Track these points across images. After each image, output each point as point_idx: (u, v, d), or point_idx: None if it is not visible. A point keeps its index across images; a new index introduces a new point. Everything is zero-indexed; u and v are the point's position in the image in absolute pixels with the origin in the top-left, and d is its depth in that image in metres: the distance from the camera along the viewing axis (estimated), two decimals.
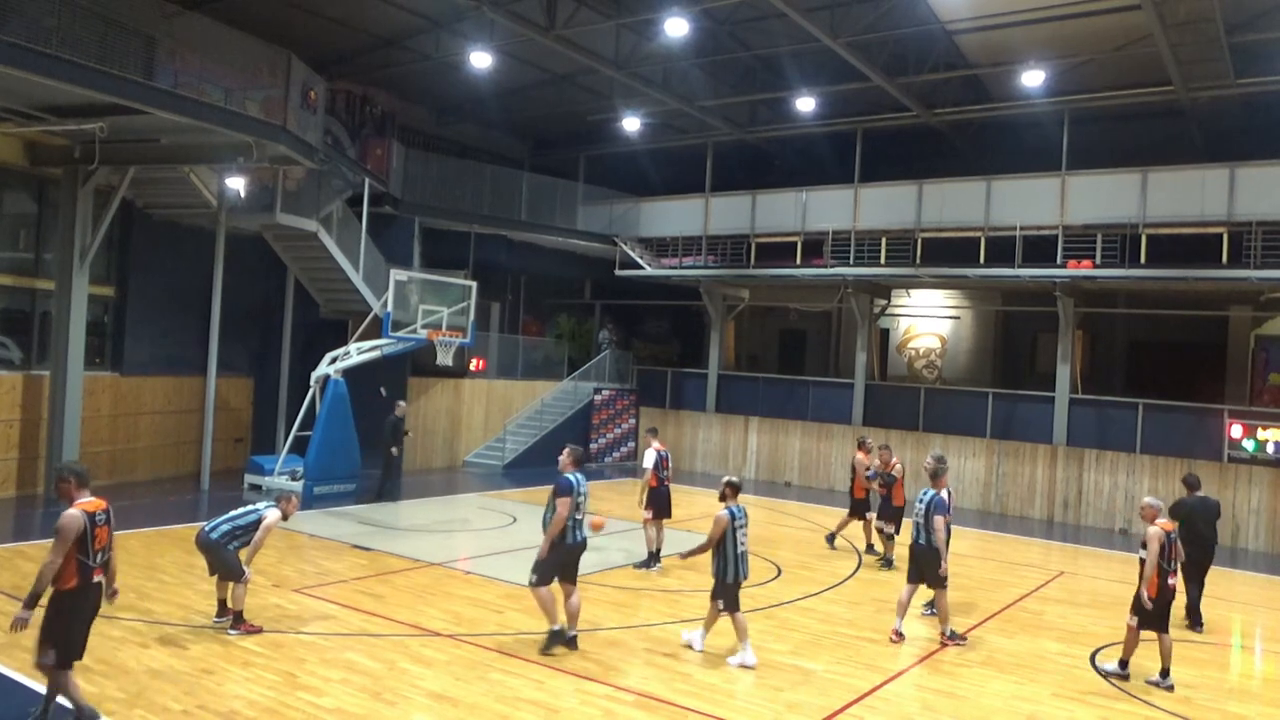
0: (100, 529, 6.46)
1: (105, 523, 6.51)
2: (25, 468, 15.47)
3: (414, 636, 9.04)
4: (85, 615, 6.52)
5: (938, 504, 9.65)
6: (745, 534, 8.91)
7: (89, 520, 6.40)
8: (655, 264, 24.24)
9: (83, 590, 6.43)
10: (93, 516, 6.43)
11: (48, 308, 15.81)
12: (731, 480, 9.13)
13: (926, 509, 9.65)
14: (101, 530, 6.47)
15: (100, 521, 6.47)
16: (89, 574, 6.42)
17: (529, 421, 23.63)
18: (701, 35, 18.55)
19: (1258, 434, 17.54)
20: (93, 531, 6.41)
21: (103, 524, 6.49)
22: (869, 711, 7.75)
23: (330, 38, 19.38)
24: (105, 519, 6.52)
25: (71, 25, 11.85)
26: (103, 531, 6.49)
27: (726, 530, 8.73)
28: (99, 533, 6.45)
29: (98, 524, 6.45)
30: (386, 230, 20.87)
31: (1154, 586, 8.61)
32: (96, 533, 6.43)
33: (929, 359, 25.72)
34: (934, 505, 9.64)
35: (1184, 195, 17.76)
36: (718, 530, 8.75)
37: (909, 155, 22.50)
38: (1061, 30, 17.06)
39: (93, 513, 6.45)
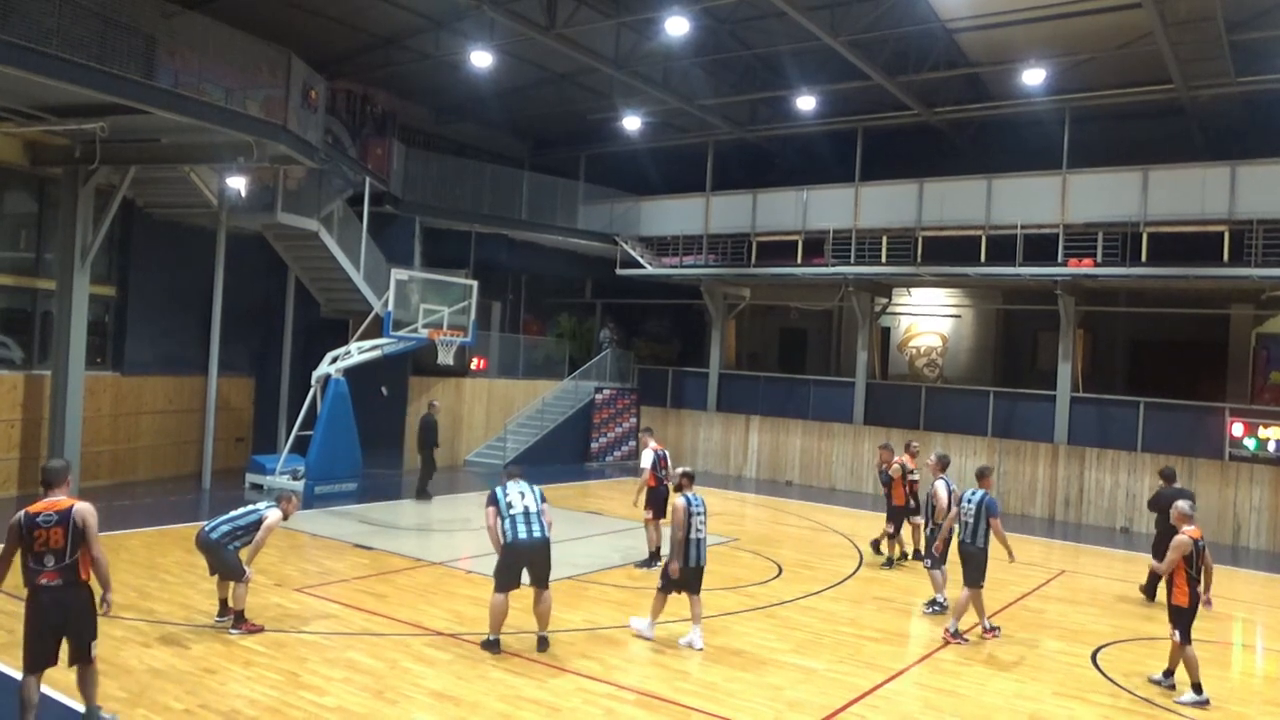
0: (44, 531, 6.05)
1: (55, 524, 6.06)
2: (26, 467, 15.46)
3: (416, 635, 9.04)
4: (38, 622, 6.10)
5: (990, 505, 9.88)
6: (703, 521, 9.21)
7: (25, 521, 6.07)
8: (656, 263, 24.24)
9: (30, 597, 6.12)
10: (34, 518, 6.08)
11: (49, 307, 15.81)
12: (686, 470, 9.50)
13: (977, 509, 9.85)
14: (45, 533, 6.05)
15: (45, 523, 6.06)
16: (34, 577, 6.08)
17: (530, 421, 23.63)
18: (702, 34, 18.55)
19: (1259, 432, 17.53)
20: (30, 533, 6.06)
21: (50, 525, 6.05)
22: (870, 710, 7.75)
23: (330, 37, 19.37)
24: (56, 520, 6.07)
25: (72, 25, 11.84)
26: (47, 534, 6.05)
27: (683, 517, 9.00)
28: (40, 534, 6.04)
29: (39, 525, 6.06)
30: (387, 229, 20.87)
31: (1185, 594, 8.36)
32: (35, 534, 6.05)
33: (930, 357, 25.71)
34: (987, 506, 9.85)
35: (1185, 193, 17.76)
36: (680, 517, 9.00)
37: (910, 154, 22.49)
38: (1062, 28, 17.05)
39: (35, 513, 6.10)
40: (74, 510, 6.15)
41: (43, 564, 6.08)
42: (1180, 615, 8.40)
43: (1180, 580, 8.42)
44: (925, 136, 22.52)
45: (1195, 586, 8.39)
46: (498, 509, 8.64)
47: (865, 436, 21.98)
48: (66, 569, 6.11)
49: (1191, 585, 8.39)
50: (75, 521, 6.13)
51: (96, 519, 6.28)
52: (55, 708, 6.92)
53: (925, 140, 22.71)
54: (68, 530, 6.10)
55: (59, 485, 6.28)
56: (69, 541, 6.10)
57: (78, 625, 6.21)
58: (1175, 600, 8.45)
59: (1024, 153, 20.42)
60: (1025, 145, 20.78)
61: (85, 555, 6.17)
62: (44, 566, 6.08)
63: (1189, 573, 8.39)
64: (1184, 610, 8.38)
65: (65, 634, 6.18)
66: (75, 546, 6.12)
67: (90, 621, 6.29)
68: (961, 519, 10.02)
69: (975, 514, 9.85)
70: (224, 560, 8.74)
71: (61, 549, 6.10)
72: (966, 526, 9.91)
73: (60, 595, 6.10)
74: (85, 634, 6.25)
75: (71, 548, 6.11)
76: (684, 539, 8.99)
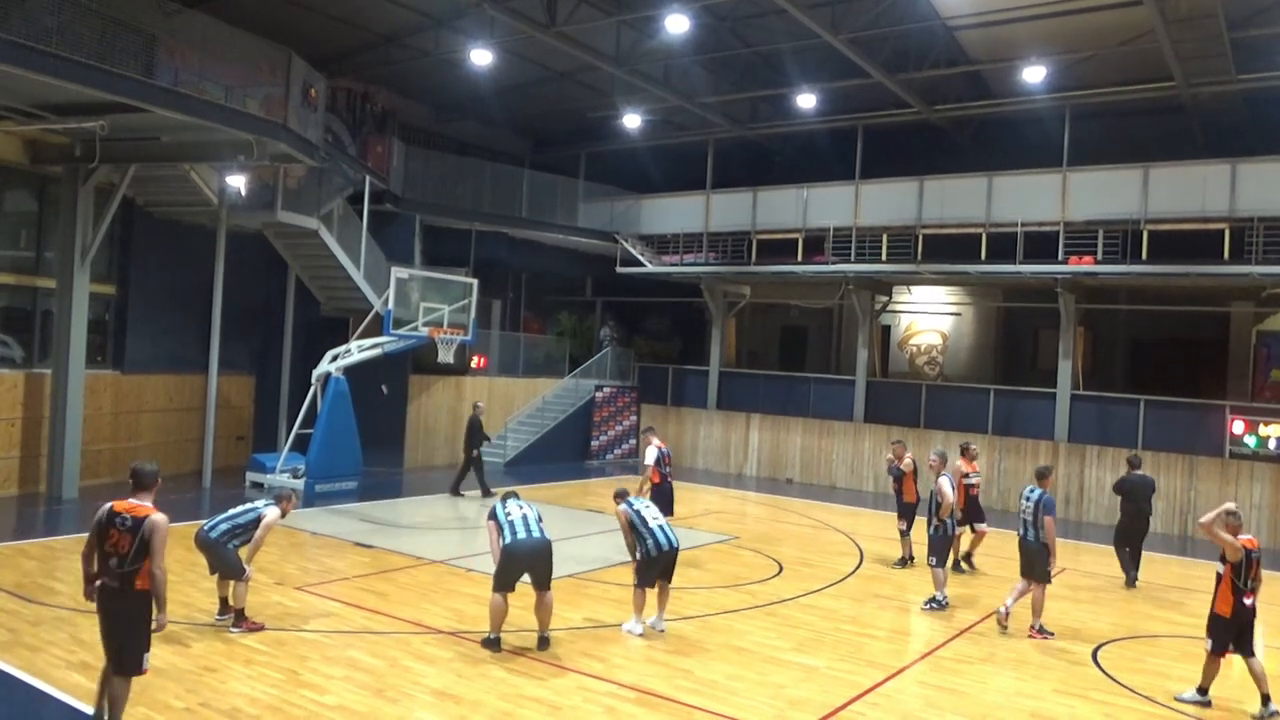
0: (117, 533, 6.05)
1: (127, 530, 6.03)
2: (27, 466, 15.48)
3: (416, 634, 9.04)
4: (99, 616, 6.17)
5: (1048, 503, 10.04)
6: (650, 511, 9.51)
7: (106, 517, 6.13)
8: (656, 261, 24.23)
9: (98, 589, 6.18)
10: (114, 516, 6.11)
11: (49, 306, 15.82)
12: (617, 490, 10.01)
13: (1036, 507, 10.02)
14: (117, 535, 6.04)
15: (120, 525, 6.05)
16: (100, 575, 6.12)
17: (530, 419, 23.63)
18: (702, 32, 18.53)
19: (1259, 430, 17.52)
20: (106, 530, 6.09)
21: (123, 529, 6.04)
22: (871, 708, 7.75)
23: (330, 35, 19.36)
24: (129, 525, 6.04)
25: (72, 23, 11.84)
26: (119, 536, 6.04)
27: (631, 518, 9.34)
28: (113, 534, 6.06)
29: (115, 525, 6.06)
30: (387, 228, 20.87)
31: (1229, 604, 7.97)
32: (110, 533, 6.07)
33: (930, 355, 25.70)
34: (1044, 505, 10.01)
35: (1185, 191, 17.75)
36: (623, 522, 9.43)
37: (910, 152, 22.47)
38: (1063, 26, 17.04)
39: (116, 512, 6.12)
40: (146, 521, 6.06)
41: (107, 564, 6.08)
42: (1219, 625, 8.01)
43: (1225, 590, 7.99)
44: (926, 134, 22.51)
45: (1242, 597, 7.96)
46: (498, 523, 8.78)
47: (866, 434, 21.98)
48: (124, 575, 6.04)
49: (1238, 596, 7.96)
50: (144, 532, 6.03)
51: (165, 534, 6.14)
52: (56, 706, 6.93)
53: (926, 138, 22.69)
54: (135, 538, 6.03)
55: (148, 489, 6.31)
56: (133, 550, 6.02)
57: (121, 633, 6.11)
58: (1218, 609, 8.04)
59: (1024, 150, 20.41)
60: (1026, 143, 20.77)
61: (145, 567, 6.05)
62: (108, 566, 6.08)
63: (1235, 582, 7.97)
64: (1225, 621, 7.98)
65: (109, 639, 6.14)
66: (138, 556, 6.02)
67: (135, 633, 6.13)
68: (1021, 517, 10.28)
69: (1035, 511, 10.06)
70: (224, 559, 8.74)
71: (125, 555, 6.03)
72: (1027, 524, 10.12)
73: (111, 600, 6.07)
74: (127, 644, 6.11)
75: (134, 556, 6.02)
76: (630, 544, 9.42)
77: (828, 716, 7.51)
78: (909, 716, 7.62)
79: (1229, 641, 8.03)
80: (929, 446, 16.56)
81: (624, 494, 9.81)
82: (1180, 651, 9.94)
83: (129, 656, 6.12)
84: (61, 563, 11.18)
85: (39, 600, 9.42)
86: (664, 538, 9.28)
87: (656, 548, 9.21)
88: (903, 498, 13.42)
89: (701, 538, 14.59)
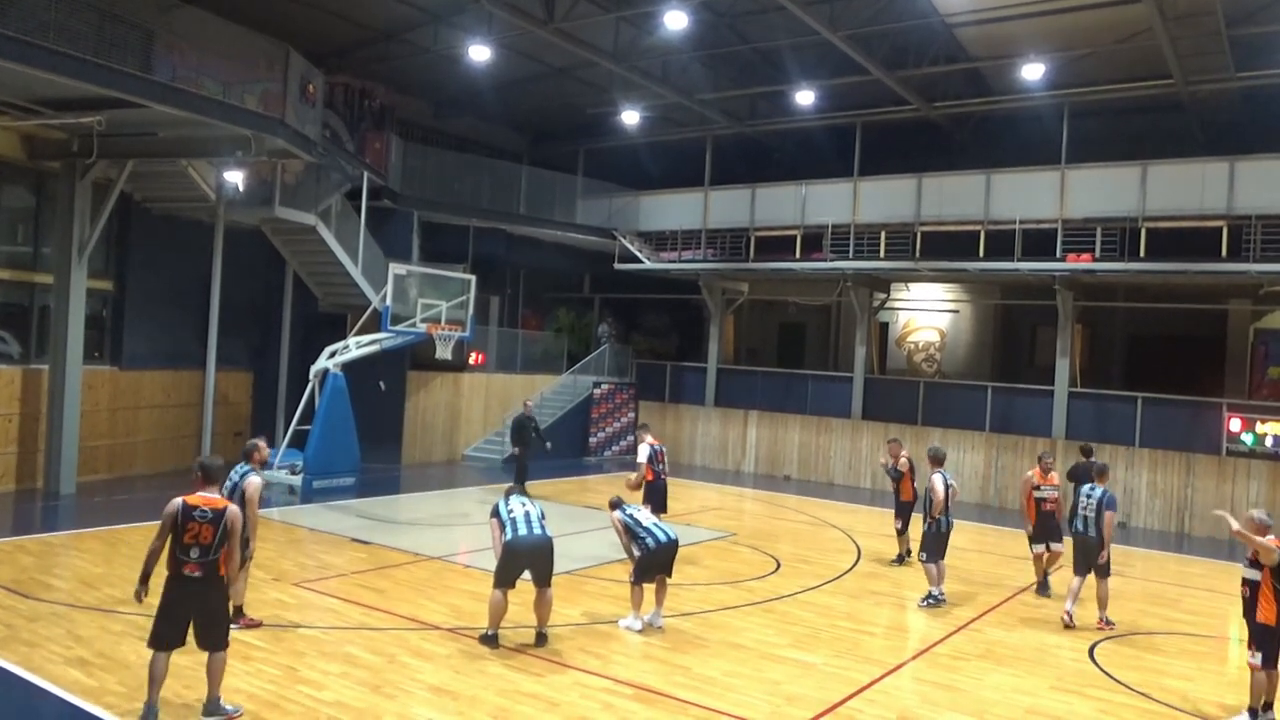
0: (197, 525, 6.43)
1: (208, 521, 6.45)
2: (24, 462, 15.46)
3: (414, 630, 9.05)
4: (172, 606, 6.48)
5: (1110, 500, 10.33)
6: (643, 513, 9.67)
7: (183, 511, 6.45)
8: (654, 258, 24.22)
9: (171, 581, 6.50)
10: (190, 510, 6.46)
11: (46, 301, 15.79)
12: (611, 500, 9.96)
13: (1098, 505, 10.29)
14: (198, 526, 6.43)
15: (200, 518, 6.44)
16: (178, 565, 6.46)
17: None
18: (701, 28, 18.51)
19: (1256, 428, 17.54)
20: (184, 524, 6.43)
21: (204, 521, 6.44)
22: (869, 704, 7.76)
23: (328, 31, 19.33)
24: (210, 517, 6.46)
25: (69, 18, 11.83)
26: (199, 528, 6.43)
27: (625, 522, 9.45)
28: (192, 526, 6.42)
29: (194, 518, 6.43)
30: (385, 224, 20.84)
31: (1274, 611, 7.59)
32: (189, 525, 6.42)
33: (928, 352, 25.71)
34: (1106, 502, 10.29)
35: (1183, 189, 17.75)
36: (619, 528, 9.50)
37: (908, 149, 22.48)
38: (1061, 23, 17.03)
39: (192, 506, 6.47)
40: (227, 512, 6.57)
41: (188, 555, 6.45)
42: (1267, 635, 7.59)
43: (1268, 595, 7.62)
44: (924, 131, 22.50)
45: None
46: (500, 520, 8.80)
47: (863, 431, 22.00)
48: (209, 564, 6.49)
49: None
50: (226, 523, 6.53)
51: (241, 524, 6.76)
52: (53, 702, 6.93)
53: (924, 135, 22.68)
54: (218, 529, 6.49)
55: (216, 482, 6.77)
56: (216, 539, 6.48)
57: (210, 616, 6.58)
58: (1262, 617, 7.61)
59: (1023, 148, 20.40)
60: (1024, 140, 20.76)
61: (226, 553, 6.56)
62: (189, 557, 6.45)
63: (1277, 587, 7.63)
64: (1272, 630, 7.59)
65: (195, 621, 6.54)
66: (220, 544, 6.51)
67: (222, 612, 6.71)
68: (1081, 513, 10.47)
69: (1096, 508, 10.30)
70: None
71: (209, 545, 6.47)
72: (1088, 520, 10.35)
73: (198, 587, 6.49)
74: (216, 624, 6.62)
75: (217, 545, 6.50)
76: (626, 545, 9.47)
77: (825, 713, 7.52)
78: (906, 713, 7.64)
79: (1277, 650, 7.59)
80: (926, 444, 16.60)
81: (618, 502, 9.84)
82: (1177, 648, 9.97)
83: (221, 634, 6.64)
84: (59, 558, 11.19)
85: (36, 596, 9.42)
86: (662, 533, 9.36)
87: (656, 543, 9.26)
88: (900, 496, 13.40)
89: (699, 534, 14.60)
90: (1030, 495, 11.73)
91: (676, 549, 9.47)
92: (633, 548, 9.42)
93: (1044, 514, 11.71)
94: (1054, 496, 11.75)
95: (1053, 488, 11.76)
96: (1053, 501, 11.74)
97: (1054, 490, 11.77)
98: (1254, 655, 7.69)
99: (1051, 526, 11.76)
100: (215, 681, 6.67)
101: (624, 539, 9.51)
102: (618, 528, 9.54)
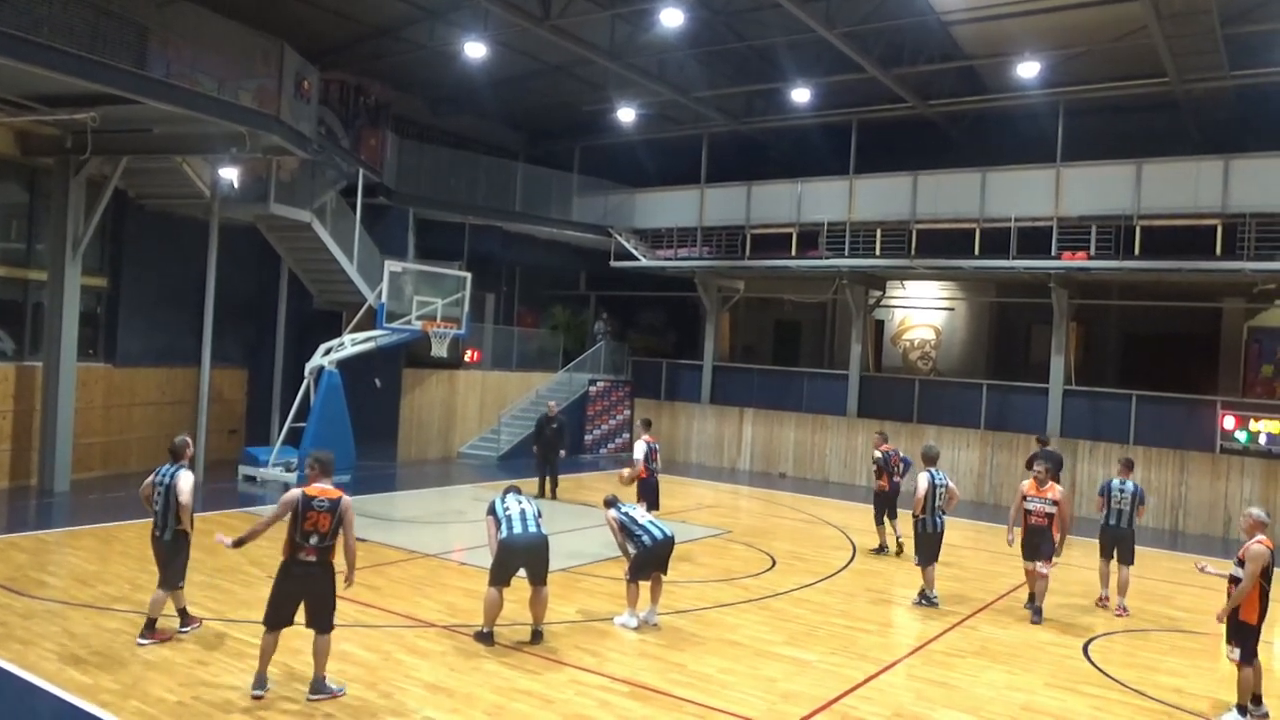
0: (316, 514, 6.94)
1: (326, 510, 6.97)
2: (18, 459, 15.43)
3: (409, 627, 9.05)
4: (287, 588, 7.01)
5: (1142, 494, 11.23)
6: (638, 511, 9.73)
7: (303, 501, 6.95)
8: (650, 255, 24.22)
9: (287, 564, 7.01)
10: (310, 500, 6.96)
11: (40, 298, 15.75)
12: (606, 498, 9.95)
13: (1133, 498, 11.08)
14: (316, 515, 6.95)
15: (319, 507, 6.96)
16: (295, 550, 6.96)
17: (524, 413, 23.57)
18: (697, 26, 18.49)
19: (1250, 425, 17.60)
20: (304, 513, 6.93)
21: (322, 510, 6.96)
22: (863, 701, 7.77)
23: (324, 27, 19.27)
24: (328, 507, 6.98)
25: (63, 14, 11.78)
26: (318, 517, 6.95)
27: (621, 521, 9.52)
28: (311, 515, 6.94)
29: (313, 508, 6.94)
30: (381, 221, 20.82)
31: (1255, 610, 7.69)
32: (309, 514, 6.93)
33: (924, 350, 25.75)
34: (1139, 495, 11.16)
35: (1178, 187, 17.79)
36: (614, 526, 9.59)
37: (904, 147, 22.47)
38: (1057, 21, 17.05)
39: (311, 496, 6.99)
40: (342, 502, 7.07)
41: (307, 541, 6.98)
42: (1247, 632, 7.68)
43: (1253, 595, 7.72)
44: (920, 129, 22.51)
45: (1267, 601, 7.78)
46: (496, 518, 8.82)
47: (859, 429, 22.02)
48: (324, 550, 7.02)
49: (1264, 600, 7.75)
50: (342, 512, 7.04)
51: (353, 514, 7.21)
52: (48, 700, 6.92)
53: (920, 133, 22.69)
54: (334, 518, 7.02)
55: (331, 475, 7.26)
56: (332, 527, 7.02)
57: (320, 599, 7.07)
58: (1244, 616, 7.71)
59: (1018, 146, 20.43)
60: (1019, 138, 20.79)
61: (340, 541, 7.06)
62: (307, 543, 6.98)
63: (1262, 584, 7.72)
64: (1252, 628, 7.69)
65: (306, 605, 7.05)
66: (335, 532, 7.05)
67: (331, 596, 7.11)
68: (1115, 507, 11.12)
69: (1130, 502, 11.05)
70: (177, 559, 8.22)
71: (325, 532, 7.00)
72: (1122, 513, 11.07)
73: (313, 571, 7.00)
74: (325, 607, 7.09)
75: (333, 533, 7.03)
76: (621, 544, 9.58)
77: (820, 710, 7.53)
78: (901, 709, 7.65)
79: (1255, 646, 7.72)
80: (922, 442, 16.63)
81: (613, 500, 9.85)
82: (1170, 645, 10.00)
83: (328, 617, 7.10)
84: (53, 556, 11.16)
85: (30, 594, 9.40)
86: (658, 531, 9.40)
87: (652, 540, 9.29)
88: (877, 487, 13.91)
89: (695, 532, 14.61)
90: (1020, 504, 10.74)
91: (672, 546, 9.50)
92: (628, 545, 9.45)
93: (1030, 528, 10.59)
94: (1040, 510, 10.49)
95: (1041, 500, 10.53)
96: (1038, 515, 10.51)
97: (1041, 503, 10.51)
98: (1233, 651, 7.79)
99: (1037, 544, 10.53)
100: (321, 662, 7.12)
101: (619, 537, 9.55)
102: (613, 526, 9.58)
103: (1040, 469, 10.78)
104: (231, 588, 10.06)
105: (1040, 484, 10.62)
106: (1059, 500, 10.54)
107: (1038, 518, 10.52)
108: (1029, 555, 10.68)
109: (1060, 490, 10.77)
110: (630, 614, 9.41)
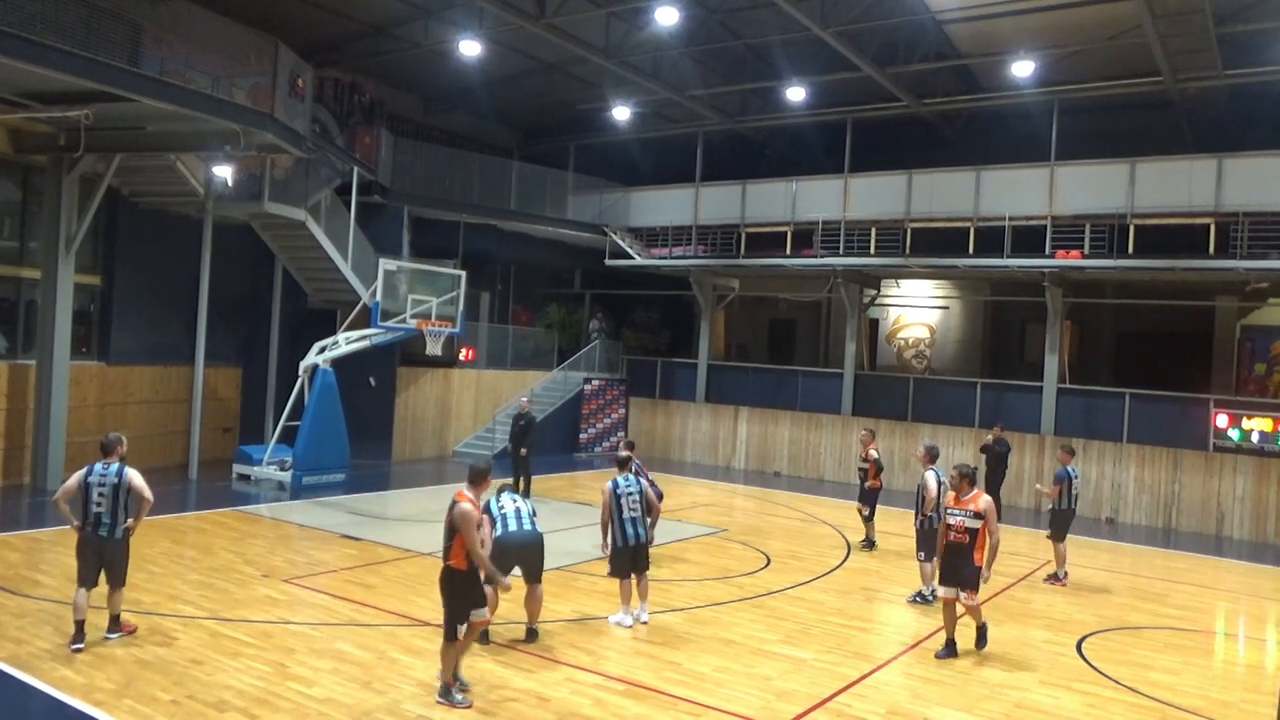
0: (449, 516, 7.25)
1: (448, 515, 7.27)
2: (11, 458, 15.39)
3: (404, 626, 9.04)
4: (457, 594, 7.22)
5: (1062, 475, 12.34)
6: (634, 501, 9.44)
7: None
8: (645, 254, 24.21)
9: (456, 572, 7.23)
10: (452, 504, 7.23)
11: (33, 296, 15.71)
12: (618, 456, 9.95)
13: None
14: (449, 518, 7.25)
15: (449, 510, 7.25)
16: None
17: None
18: (692, 24, 18.49)
19: (1243, 423, 17.66)
20: None
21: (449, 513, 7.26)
22: (858, 699, 7.79)
23: (318, 25, 19.23)
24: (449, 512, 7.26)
25: (57, 11, 11.76)
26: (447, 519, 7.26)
27: (610, 500, 9.32)
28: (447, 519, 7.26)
29: None
30: (375, 219, 20.77)
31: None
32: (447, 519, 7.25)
33: (918, 349, 25.78)
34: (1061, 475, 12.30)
35: (1172, 186, 17.83)
36: (604, 500, 9.41)
37: (899, 145, 22.50)
38: (1051, 20, 17.08)
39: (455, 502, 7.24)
40: (451, 507, 7.25)
41: None
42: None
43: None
44: (914, 128, 22.53)
45: None
46: (491, 516, 8.78)
47: (854, 428, 22.00)
48: (444, 552, 7.28)
49: None
50: (452, 518, 7.20)
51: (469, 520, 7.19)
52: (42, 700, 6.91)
53: (914, 132, 22.71)
54: (448, 523, 7.25)
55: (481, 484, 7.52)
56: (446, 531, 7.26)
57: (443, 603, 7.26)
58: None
59: (1012, 144, 20.45)
60: (1013, 137, 20.81)
61: (456, 546, 7.15)
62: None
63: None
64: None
65: None
66: (449, 536, 7.23)
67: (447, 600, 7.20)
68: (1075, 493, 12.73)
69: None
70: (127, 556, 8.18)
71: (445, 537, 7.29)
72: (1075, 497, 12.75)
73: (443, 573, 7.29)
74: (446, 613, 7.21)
75: (447, 537, 7.24)
76: (604, 521, 9.40)
77: (815, 707, 7.54)
78: (896, 707, 7.67)
79: None
80: (917, 440, 16.67)
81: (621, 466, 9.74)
82: (1164, 643, 10.04)
83: (447, 625, 7.19)
84: (46, 555, 11.12)
85: (23, 593, 9.38)
86: (631, 530, 9.31)
87: (622, 539, 9.29)
88: (865, 484, 13.98)
89: (689, 530, 14.62)
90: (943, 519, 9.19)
91: (645, 550, 9.44)
92: (607, 528, 9.38)
93: (949, 546, 8.83)
94: (964, 525, 8.64)
95: (964, 513, 8.65)
96: (962, 531, 8.65)
97: (962, 516, 8.66)
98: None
99: (956, 566, 8.74)
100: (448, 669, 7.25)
101: (604, 515, 9.41)
102: (604, 500, 9.44)
103: (953, 473, 8.92)
104: (226, 587, 10.03)
105: (959, 495, 8.82)
106: (983, 512, 8.62)
107: (957, 533, 8.71)
108: (946, 580, 8.84)
109: (985, 501, 8.72)
110: (624, 612, 9.42)
